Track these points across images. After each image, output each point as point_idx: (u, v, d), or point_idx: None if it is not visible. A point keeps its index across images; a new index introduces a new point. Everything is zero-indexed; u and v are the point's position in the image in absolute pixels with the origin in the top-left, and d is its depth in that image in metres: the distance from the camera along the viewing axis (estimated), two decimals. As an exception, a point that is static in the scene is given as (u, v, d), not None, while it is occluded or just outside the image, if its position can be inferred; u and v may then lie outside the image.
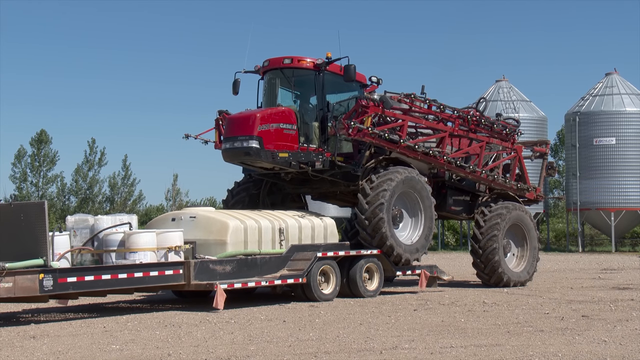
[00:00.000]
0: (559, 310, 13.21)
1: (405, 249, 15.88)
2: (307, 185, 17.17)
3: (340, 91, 16.57)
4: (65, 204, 53.69)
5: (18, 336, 10.59)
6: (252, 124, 15.38)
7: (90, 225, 13.51)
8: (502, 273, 17.48)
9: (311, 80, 16.22)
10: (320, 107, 16.18)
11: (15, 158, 53.61)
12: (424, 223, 16.33)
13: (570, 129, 37.03)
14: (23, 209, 12.19)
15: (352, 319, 12.12)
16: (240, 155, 15.61)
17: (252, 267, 14.23)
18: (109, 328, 11.29)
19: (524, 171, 19.17)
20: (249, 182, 17.42)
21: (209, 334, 10.62)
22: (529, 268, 18.26)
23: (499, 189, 18.45)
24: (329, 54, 16.09)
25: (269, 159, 15.49)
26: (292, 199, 18.02)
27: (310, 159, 15.96)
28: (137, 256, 13.09)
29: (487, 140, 18.23)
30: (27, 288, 11.60)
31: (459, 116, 17.52)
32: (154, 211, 51.73)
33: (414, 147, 16.47)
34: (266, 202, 17.41)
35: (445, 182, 18.17)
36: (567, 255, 33.21)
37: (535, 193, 19.37)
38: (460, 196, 18.57)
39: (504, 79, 38.88)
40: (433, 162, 16.97)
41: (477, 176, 17.80)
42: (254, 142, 15.29)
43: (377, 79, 16.33)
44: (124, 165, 56.38)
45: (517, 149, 19.00)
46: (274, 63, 16.46)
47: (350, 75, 15.84)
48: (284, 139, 15.66)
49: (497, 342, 9.79)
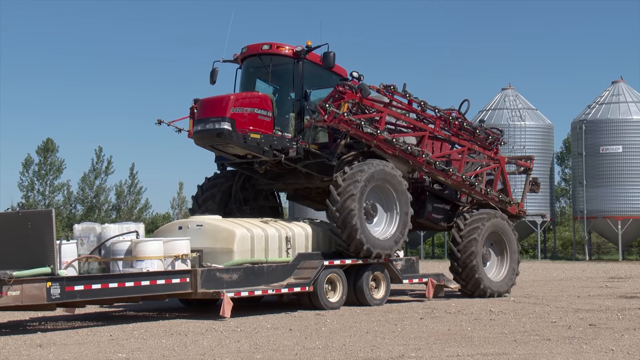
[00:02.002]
0: (566, 319, 13.16)
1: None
2: (281, 179, 16.67)
3: (320, 84, 15.89)
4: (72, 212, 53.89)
5: (25, 344, 10.60)
6: (225, 106, 14.86)
7: (97, 233, 13.52)
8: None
9: (290, 68, 15.67)
10: (298, 97, 15.66)
11: (23, 166, 53.89)
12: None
13: (576, 137, 37.01)
14: (30, 218, 12.21)
15: (358, 328, 12.10)
16: (212, 137, 14.98)
17: (258, 275, 14.22)
18: (115, 336, 11.30)
19: (507, 184, 18.63)
20: (219, 178, 16.93)
21: (216, 343, 10.62)
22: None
23: (480, 198, 17.91)
24: (309, 42, 15.54)
25: (241, 142, 14.88)
26: (266, 196, 17.55)
27: (284, 145, 15.33)
28: (144, 264, 13.08)
29: (468, 146, 17.73)
30: (34, 296, 11.61)
31: (440, 117, 17.08)
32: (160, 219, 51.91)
33: (391, 141, 15.89)
34: (238, 197, 16.86)
35: (425, 189, 17.70)
36: (574, 264, 33.13)
37: (518, 208, 18.83)
38: (440, 204, 18.00)
39: (510, 87, 38.89)
40: (411, 160, 16.40)
41: (457, 181, 17.23)
42: (225, 124, 14.75)
43: (359, 75, 15.62)
44: (131, 173, 56.63)
45: (500, 160, 18.45)
46: (252, 49, 15.94)
47: (329, 62, 15.41)
48: (257, 125, 15.10)
49: (503, 351, 9.76)
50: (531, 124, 37.17)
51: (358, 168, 15.17)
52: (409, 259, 16.95)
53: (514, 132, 36.43)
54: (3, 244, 12.19)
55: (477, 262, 16.98)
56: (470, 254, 16.95)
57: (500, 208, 18.13)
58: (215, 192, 16.71)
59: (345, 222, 14.86)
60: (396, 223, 15.81)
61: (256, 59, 16.01)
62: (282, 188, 17.36)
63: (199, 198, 16.79)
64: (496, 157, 18.39)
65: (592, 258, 37.53)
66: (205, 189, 16.82)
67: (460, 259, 17.00)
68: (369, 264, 15.48)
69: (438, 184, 17.84)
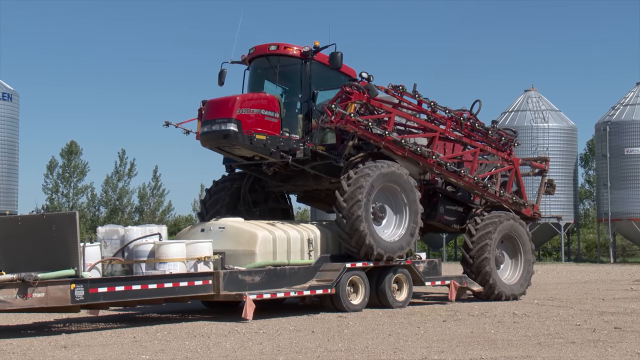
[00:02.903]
0: (591, 321, 13.07)
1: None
2: (290, 181, 16.55)
3: (328, 84, 15.71)
4: (95, 215, 54.28)
5: (50, 346, 10.68)
6: (232, 107, 14.72)
7: (121, 235, 13.58)
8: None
9: (297, 69, 15.53)
10: (306, 98, 15.52)
11: (47, 169, 54.35)
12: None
13: (600, 139, 36.75)
14: (55, 220, 12.29)
15: (381, 330, 12.09)
16: (218, 138, 14.83)
17: (281, 277, 14.24)
18: (138, 338, 11.36)
19: (521, 186, 18.42)
20: (227, 181, 16.81)
21: (238, 345, 10.65)
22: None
23: (493, 200, 17.74)
24: (316, 43, 15.39)
25: (247, 143, 14.73)
26: (276, 198, 17.44)
27: (291, 146, 15.15)
28: (167, 267, 13.14)
29: (481, 147, 17.51)
30: (58, 298, 11.70)
31: (451, 118, 16.89)
32: (182, 222, 52.15)
33: (401, 142, 15.66)
34: (247, 199, 16.73)
35: (437, 190, 17.54)
36: (598, 266, 32.88)
37: (533, 210, 18.61)
38: (453, 206, 17.82)
39: (532, 88, 38.70)
40: (421, 161, 16.19)
41: (469, 183, 17.02)
42: (232, 125, 14.59)
43: (368, 75, 15.46)
44: (154, 175, 56.91)
45: (514, 161, 18.24)
46: (259, 50, 15.80)
47: (336, 63, 15.28)
48: (264, 126, 14.95)
49: (527, 354, 9.71)
50: (554, 125, 36.94)
51: (363, 172, 14.97)
52: (432, 261, 16.89)
53: (537, 133, 36.24)
54: (28, 246, 12.29)
55: (491, 267, 16.87)
56: (483, 260, 16.84)
57: (514, 210, 17.98)
58: (223, 195, 16.58)
59: (353, 228, 14.75)
60: (406, 223, 15.66)
61: (264, 60, 15.92)
62: (292, 190, 17.25)
63: (207, 202, 16.69)
64: (510, 158, 18.21)
65: (617, 260, 37.20)
66: (213, 193, 16.70)
67: (474, 264, 16.91)
68: (391, 266, 15.44)
69: (451, 186, 17.68)
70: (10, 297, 11.42)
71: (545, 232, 36.82)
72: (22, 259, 12.16)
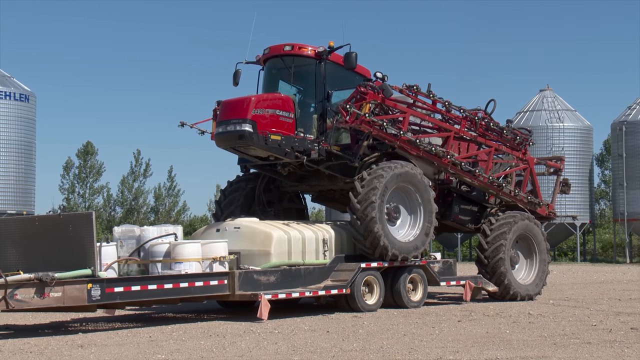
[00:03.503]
0: (607, 322, 13.04)
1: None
2: (304, 181, 16.56)
3: (342, 84, 15.72)
4: (111, 215, 54.57)
5: (66, 345, 10.76)
6: (246, 107, 14.73)
7: (137, 235, 13.65)
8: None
9: (312, 69, 15.55)
10: (320, 98, 15.52)
11: (63, 169, 54.69)
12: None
13: (616, 139, 36.62)
14: (71, 220, 12.36)
15: (395, 330, 12.11)
16: (233, 139, 14.86)
17: (296, 277, 14.29)
18: (154, 338, 11.42)
19: (536, 185, 18.41)
20: (242, 181, 16.82)
21: (253, 344, 10.69)
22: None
23: (508, 200, 17.74)
24: (331, 43, 15.37)
25: (262, 144, 14.75)
26: (290, 198, 17.46)
27: (306, 147, 15.18)
28: (183, 266, 13.21)
29: (495, 147, 17.51)
30: (75, 297, 11.79)
31: (465, 117, 16.89)
32: (197, 222, 52.34)
33: (415, 142, 15.72)
34: (262, 199, 16.75)
35: (451, 190, 17.51)
36: (614, 267, 32.74)
37: (548, 210, 18.57)
38: (468, 206, 17.80)
39: (548, 88, 38.60)
40: (436, 161, 16.21)
41: (484, 182, 17.06)
42: (247, 126, 14.61)
43: (383, 75, 15.44)
44: (169, 176, 57.16)
45: (529, 160, 18.22)
46: (274, 50, 15.82)
47: (350, 63, 15.25)
48: (279, 126, 14.96)
49: (543, 354, 9.70)
50: (570, 125, 36.84)
51: (376, 173, 14.97)
52: (447, 262, 16.88)
53: (553, 133, 36.14)
54: (45, 246, 12.38)
55: (506, 267, 16.85)
56: (497, 261, 16.82)
57: (529, 209, 17.96)
58: (238, 195, 16.60)
59: (368, 229, 14.77)
60: (420, 223, 15.64)
61: (278, 60, 15.94)
62: (306, 190, 17.26)
63: (221, 203, 16.72)
64: (525, 157, 18.18)
65: (633, 261, 37.02)
66: (228, 193, 16.72)
67: (488, 265, 16.89)
68: (406, 266, 15.45)
69: (465, 185, 17.67)
70: (27, 296, 11.50)
71: (561, 232, 36.69)
72: (39, 259, 12.25)
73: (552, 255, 39.74)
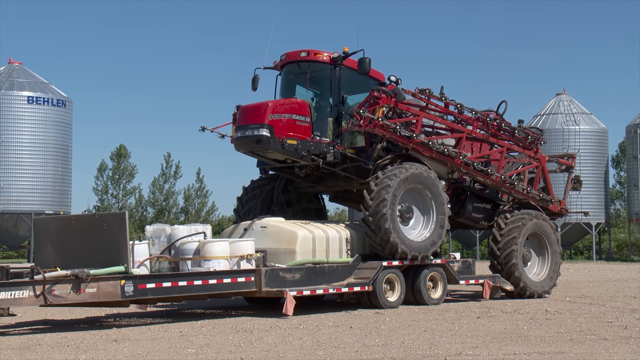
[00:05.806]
0: (623, 319, 13.16)
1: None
2: (321, 182, 16.83)
3: (357, 89, 16.06)
4: (143, 215, 55.29)
5: (101, 339, 11.02)
6: (264, 113, 15.04)
7: (168, 234, 13.90)
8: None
9: (327, 74, 15.85)
10: (335, 102, 15.80)
11: (98, 171, 55.59)
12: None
13: (631, 141, 36.72)
14: (106, 219, 12.73)
15: (416, 326, 12.30)
16: (252, 143, 15.16)
17: (320, 275, 14.60)
18: (185, 333, 11.66)
19: (548, 183, 18.64)
20: (262, 180, 17.15)
21: (279, 339, 10.88)
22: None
23: (520, 197, 17.99)
24: (345, 49, 15.70)
25: (279, 148, 15.07)
26: (309, 199, 17.73)
27: (321, 150, 15.51)
28: (212, 264, 13.49)
29: (507, 147, 17.79)
30: (109, 293, 12.15)
31: (477, 118, 17.18)
32: (226, 221, 52.82)
33: (428, 144, 16.02)
34: (280, 199, 17.07)
35: (465, 189, 17.76)
36: (629, 265, 32.79)
37: (560, 206, 18.80)
38: (481, 203, 18.06)
39: (564, 92, 38.72)
40: (449, 162, 16.48)
41: (496, 181, 17.32)
42: (264, 130, 14.91)
43: (396, 79, 15.78)
44: (198, 177, 57.94)
45: (541, 159, 18.47)
46: (290, 56, 16.19)
47: (364, 68, 15.54)
48: (295, 130, 15.28)
49: (560, 350, 9.84)
50: (585, 128, 36.97)
51: (390, 172, 15.31)
52: (466, 261, 17.17)
53: (569, 136, 36.28)
54: (81, 244, 12.78)
55: (517, 260, 17.08)
56: (510, 252, 17.06)
57: (541, 206, 18.21)
58: (258, 193, 16.95)
59: (378, 225, 15.05)
60: (433, 224, 15.91)
61: (295, 66, 16.27)
62: (324, 190, 17.58)
63: (242, 199, 17.06)
64: (536, 156, 18.43)
65: (648, 260, 37.10)
66: (249, 191, 17.08)
67: (500, 256, 17.13)
68: (426, 264, 15.76)
69: (479, 184, 17.95)
70: (64, 292, 11.86)
71: (577, 231, 36.80)
72: (75, 256, 12.65)
73: (568, 253, 39.87)
